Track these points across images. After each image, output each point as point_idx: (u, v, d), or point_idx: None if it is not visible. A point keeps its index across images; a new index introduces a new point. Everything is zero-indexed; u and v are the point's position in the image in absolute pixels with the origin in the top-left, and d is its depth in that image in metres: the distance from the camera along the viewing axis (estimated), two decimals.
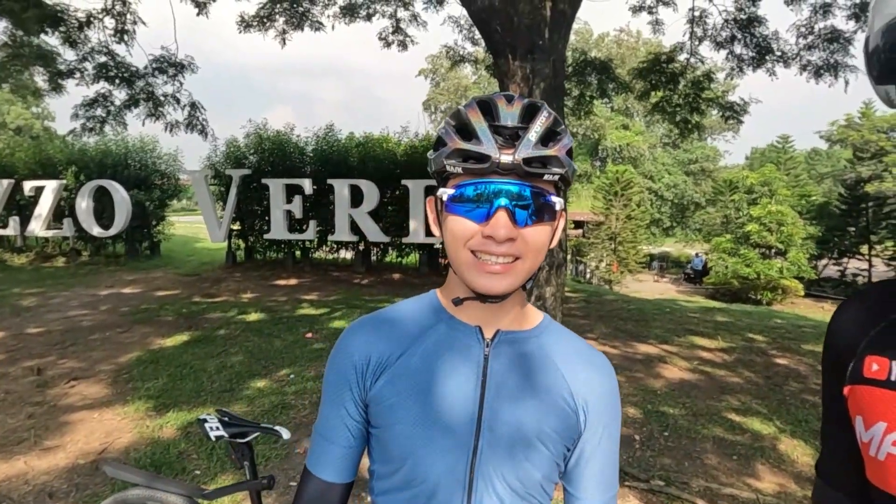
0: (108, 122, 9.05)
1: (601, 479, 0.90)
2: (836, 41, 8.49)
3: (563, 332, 0.95)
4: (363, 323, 0.92)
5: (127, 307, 8.03)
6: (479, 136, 0.77)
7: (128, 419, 4.16)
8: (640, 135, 45.88)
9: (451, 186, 0.81)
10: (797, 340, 7.36)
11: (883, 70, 0.55)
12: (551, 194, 0.81)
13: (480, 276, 0.79)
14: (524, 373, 0.87)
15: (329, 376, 0.91)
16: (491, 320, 0.87)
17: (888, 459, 0.58)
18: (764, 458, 3.82)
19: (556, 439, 0.85)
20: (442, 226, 0.85)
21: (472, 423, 0.83)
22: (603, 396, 0.90)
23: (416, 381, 0.84)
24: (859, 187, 26.62)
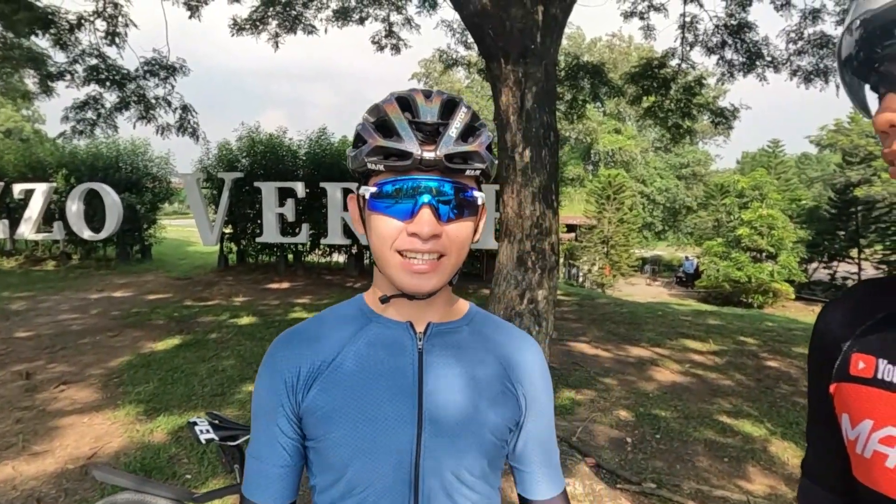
0: (99, 125, 8.98)
1: (546, 452, 0.94)
2: (825, 46, 8.58)
3: (491, 319, 0.96)
4: (289, 335, 0.90)
5: (118, 311, 7.97)
6: (400, 133, 0.76)
7: (118, 423, 4.13)
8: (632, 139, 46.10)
9: (373, 184, 0.80)
10: (788, 343, 7.41)
11: (859, 68, 0.55)
12: (473, 189, 0.81)
13: (407, 276, 0.79)
14: (461, 362, 0.87)
15: (258, 396, 0.88)
16: (421, 314, 0.87)
17: (874, 457, 0.59)
18: (755, 460, 3.84)
19: (499, 424, 0.86)
20: (365, 225, 0.85)
21: (413, 419, 0.82)
22: (536, 375, 0.92)
23: (350, 385, 0.82)
24: (849, 191, 26.86)
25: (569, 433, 4.08)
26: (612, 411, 4.61)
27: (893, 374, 0.59)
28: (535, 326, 4.63)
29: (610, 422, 4.40)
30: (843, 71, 0.58)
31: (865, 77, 0.56)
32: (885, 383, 0.60)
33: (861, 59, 0.54)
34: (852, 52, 0.55)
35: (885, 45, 0.51)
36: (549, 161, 4.66)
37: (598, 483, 3.38)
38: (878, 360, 0.61)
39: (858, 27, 0.53)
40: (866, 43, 0.53)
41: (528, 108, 4.55)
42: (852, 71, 0.57)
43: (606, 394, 5.02)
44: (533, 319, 4.63)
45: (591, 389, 5.10)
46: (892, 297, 0.65)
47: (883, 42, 0.51)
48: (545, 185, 4.63)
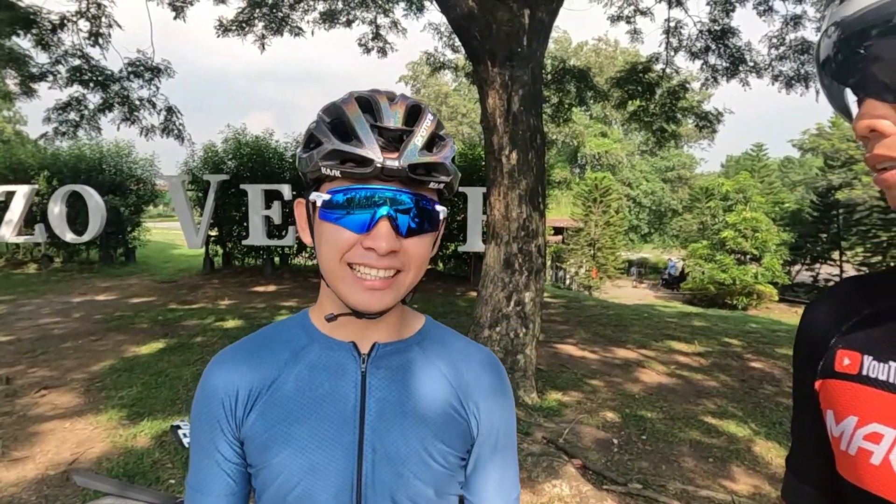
0: (82, 127, 8.88)
1: (501, 483, 0.86)
2: (806, 52, 8.72)
3: (446, 334, 0.89)
4: (226, 355, 0.83)
5: (100, 314, 7.86)
6: (361, 137, 0.69)
7: (100, 428, 4.07)
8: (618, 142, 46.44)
9: (326, 191, 0.72)
10: (772, 344, 7.49)
11: (837, 71, 0.56)
12: (436, 203, 0.75)
13: (359, 292, 0.73)
14: (407, 385, 0.81)
15: (196, 420, 0.82)
16: (366, 334, 0.81)
17: (859, 453, 0.59)
18: (739, 461, 3.87)
19: (447, 451, 0.80)
20: (314, 234, 0.77)
21: (354, 447, 0.77)
22: (492, 397, 0.85)
23: (289, 411, 0.77)
24: (830, 194, 27.26)
25: (556, 435, 4.09)
26: (598, 413, 4.63)
27: (878, 371, 0.60)
28: (522, 328, 4.65)
29: (596, 423, 4.42)
30: (821, 74, 0.59)
31: (844, 81, 0.56)
32: (870, 380, 0.60)
33: (839, 62, 0.55)
34: (830, 55, 0.56)
35: (861, 50, 0.52)
36: (535, 163, 4.68)
37: (585, 484, 3.39)
38: (864, 356, 0.62)
39: (835, 31, 0.54)
40: (843, 47, 0.54)
41: (515, 110, 4.57)
42: (831, 75, 0.57)
43: (593, 395, 5.04)
44: (520, 321, 4.65)
45: (578, 391, 5.12)
46: (875, 293, 0.66)
47: (859, 46, 0.52)
48: (532, 187, 4.65)
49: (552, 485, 3.31)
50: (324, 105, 0.76)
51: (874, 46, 0.51)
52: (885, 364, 0.59)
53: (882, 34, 0.50)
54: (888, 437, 0.57)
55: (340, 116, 0.72)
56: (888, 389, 0.58)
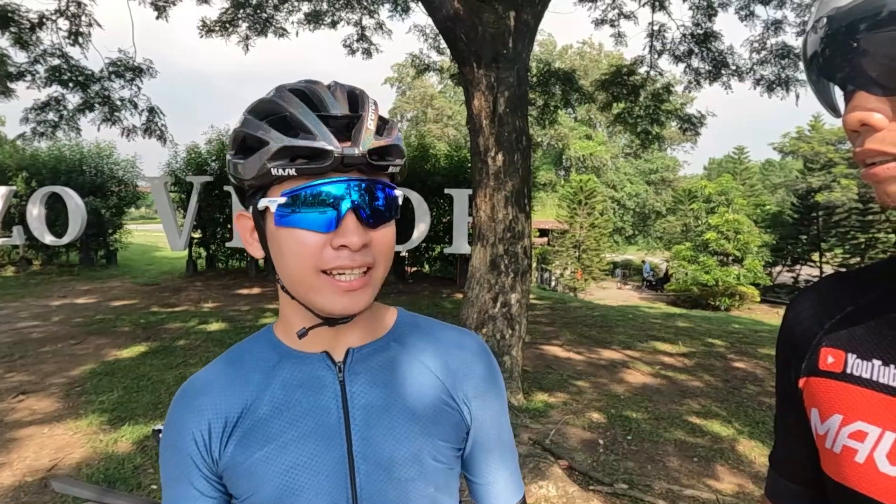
0: (61, 127, 8.72)
1: (500, 459, 0.84)
2: (787, 56, 8.84)
3: (422, 323, 0.85)
4: (192, 386, 0.78)
5: (81, 318, 7.73)
6: (311, 129, 0.64)
7: (80, 434, 4.00)
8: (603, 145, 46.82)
9: (279, 194, 0.66)
10: (754, 345, 7.58)
11: (825, 66, 0.56)
12: (393, 188, 0.71)
13: (337, 296, 0.68)
14: (391, 385, 0.76)
15: (167, 459, 0.77)
16: (339, 340, 0.77)
17: (844, 451, 0.59)
18: (723, 460, 3.90)
19: (442, 446, 0.77)
20: (269, 244, 0.71)
21: (344, 461, 0.73)
22: (480, 379, 0.82)
23: (270, 434, 0.73)
24: (810, 197, 27.75)
25: (542, 436, 4.09)
26: (584, 413, 4.64)
27: (863, 369, 0.59)
28: (509, 330, 4.65)
29: (582, 424, 4.43)
30: (809, 70, 0.58)
31: (833, 74, 0.56)
32: (854, 378, 0.60)
33: (827, 57, 0.54)
34: (818, 49, 0.55)
35: (852, 42, 0.51)
36: (521, 165, 4.69)
37: (571, 485, 3.39)
38: (848, 354, 0.61)
39: (825, 24, 0.53)
40: (832, 40, 0.53)
41: (501, 112, 4.57)
42: (818, 70, 0.57)
43: (579, 396, 5.06)
44: (506, 323, 4.65)
45: (564, 392, 5.14)
46: (857, 290, 0.66)
47: (849, 39, 0.51)
48: (518, 189, 4.66)
49: (538, 486, 3.31)
50: (249, 104, 0.70)
51: (865, 39, 0.50)
52: (869, 362, 0.59)
53: (873, 26, 0.50)
54: (872, 435, 0.57)
55: (278, 112, 0.67)
56: (872, 388, 0.58)
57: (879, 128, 0.52)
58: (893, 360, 0.58)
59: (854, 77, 0.53)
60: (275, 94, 0.69)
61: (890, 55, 0.50)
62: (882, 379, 0.58)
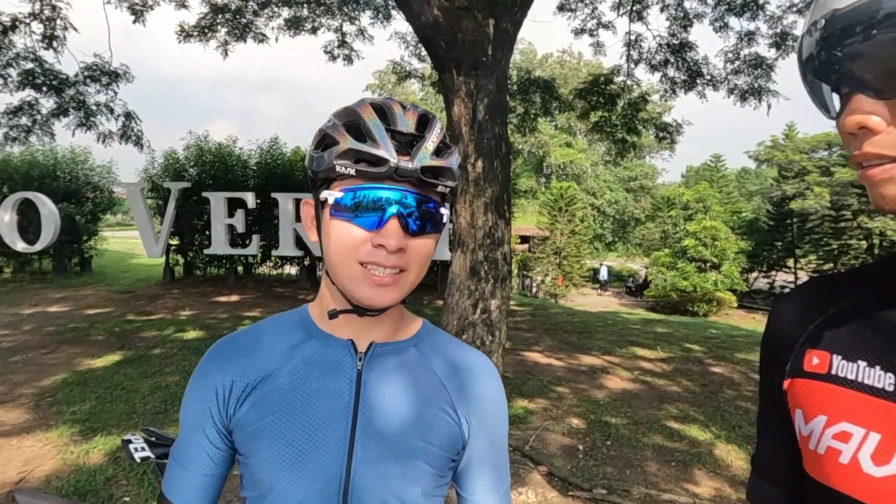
0: (34, 132, 8.53)
1: (493, 481, 0.89)
2: (759, 67, 9.03)
3: (444, 339, 0.92)
4: (225, 344, 0.87)
5: (53, 326, 7.56)
6: (376, 139, 0.73)
7: (50, 445, 3.90)
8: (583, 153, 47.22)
9: (339, 189, 0.75)
10: (731, 350, 7.68)
11: (820, 68, 0.56)
12: (441, 205, 0.79)
13: (368, 287, 0.76)
14: (401, 386, 0.83)
15: (188, 403, 0.85)
16: (365, 333, 0.84)
17: (828, 452, 0.59)
18: (701, 464, 3.94)
19: (437, 453, 0.82)
20: (322, 231, 0.80)
21: (344, 444, 0.79)
22: (487, 402, 0.88)
23: (282, 403, 0.79)
24: (785, 204, 28.27)
25: (522, 442, 4.09)
26: (564, 419, 4.66)
27: (847, 370, 0.60)
28: (489, 336, 4.65)
29: (562, 430, 4.44)
30: (804, 71, 0.58)
31: (827, 78, 0.56)
32: (839, 379, 0.60)
33: (823, 59, 0.54)
34: (813, 52, 0.55)
35: (847, 44, 0.51)
36: (501, 172, 4.71)
37: (551, 491, 3.40)
38: (833, 355, 0.62)
39: (822, 27, 0.53)
40: (829, 43, 0.53)
41: (480, 119, 4.59)
42: (814, 72, 0.56)
43: (559, 402, 5.08)
44: (486, 329, 4.65)
45: (544, 398, 5.15)
46: (841, 292, 0.66)
47: (846, 42, 0.51)
48: (497, 195, 4.68)
49: (518, 492, 3.31)
50: (336, 109, 0.81)
51: (863, 42, 0.50)
52: (854, 363, 0.60)
53: (871, 29, 0.49)
54: (857, 436, 0.57)
55: (355, 119, 0.76)
56: (857, 389, 0.59)
57: (877, 131, 0.52)
58: (879, 362, 0.58)
59: (851, 80, 0.53)
60: (356, 104, 0.79)
61: (888, 59, 0.50)
62: (867, 380, 0.58)
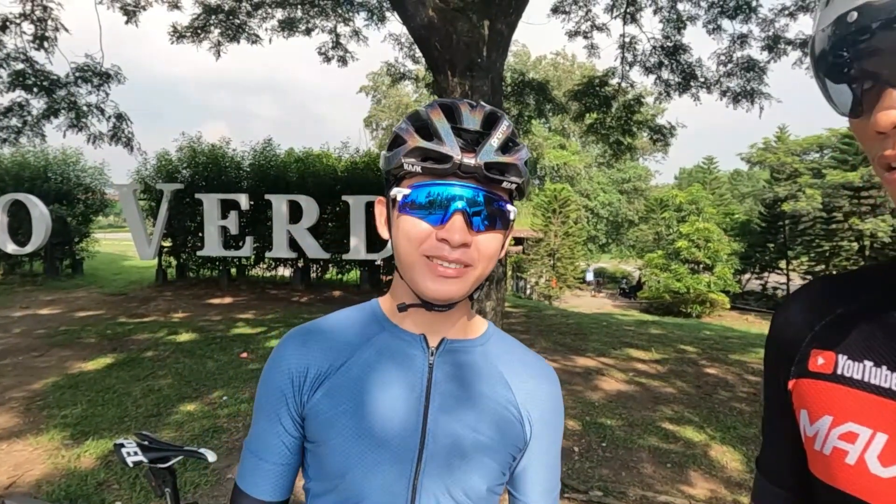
0: (25, 133, 8.46)
1: (546, 483, 0.91)
2: (752, 70, 9.08)
3: (509, 341, 0.94)
4: (300, 333, 0.88)
5: (43, 329, 7.49)
6: (442, 137, 0.76)
7: (41, 449, 3.85)
8: (577, 154, 47.37)
9: (407, 186, 0.78)
10: (725, 351, 7.71)
11: (831, 68, 0.54)
12: (507, 202, 0.80)
13: (432, 279, 0.77)
14: (469, 383, 0.85)
15: (263, 390, 0.86)
16: (436, 328, 0.86)
17: (834, 453, 0.58)
18: (696, 465, 3.94)
19: (500, 450, 0.84)
20: (392, 227, 0.82)
21: (416, 435, 0.80)
22: (548, 406, 0.91)
23: (355, 393, 0.81)
24: (777, 206, 28.44)
25: None
26: None
27: (853, 370, 0.59)
28: None
29: None
30: (817, 68, 0.56)
31: (851, 73, 0.53)
32: (845, 379, 0.60)
33: (851, 53, 0.51)
34: (837, 46, 0.52)
35: (885, 37, 0.48)
36: None
37: None
38: (838, 355, 0.61)
39: (854, 20, 0.50)
40: (859, 36, 0.50)
41: None
42: (834, 67, 0.54)
43: None
44: None
45: None
46: (847, 293, 0.66)
47: (883, 33, 0.48)
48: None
49: None
50: (407, 112, 0.84)
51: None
52: (860, 363, 0.59)
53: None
54: (863, 437, 0.56)
55: (423, 119, 0.79)
56: (864, 388, 0.58)
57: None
58: (885, 362, 0.57)
59: (883, 74, 0.50)
60: (426, 106, 0.81)
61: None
62: (874, 380, 0.57)
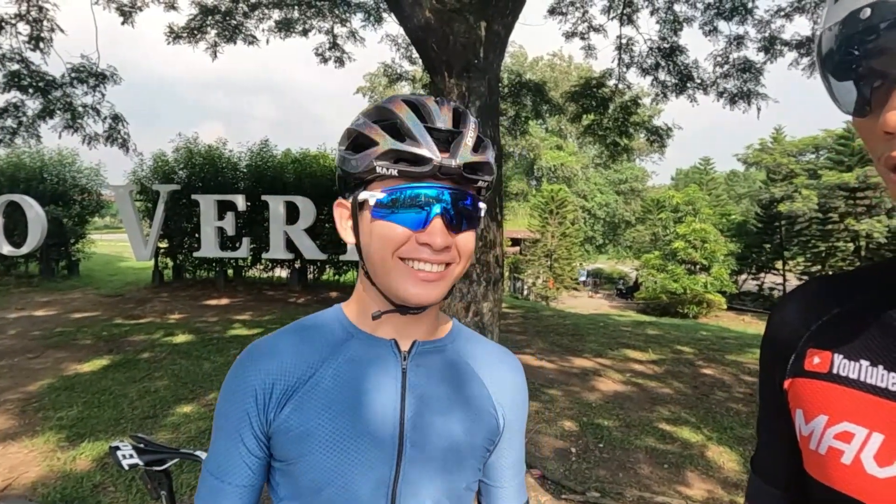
0: (20, 134, 8.43)
1: (515, 467, 0.93)
2: (748, 71, 9.10)
3: (473, 336, 0.94)
4: (262, 345, 0.83)
5: (39, 331, 7.46)
6: (417, 138, 0.72)
7: (36, 451, 3.83)
8: (574, 155, 47.44)
9: (380, 190, 0.74)
10: (721, 351, 7.72)
11: (839, 66, 0.53)
12: (480, 200, 0.79)
13: (413, 284, 0.75)
14: (445, 383, 0.84)
15: (223, 409, 0.81)
16: (406, 332, 0.83)
17: (829, 452, 0.58)
18: (693, 466, 3.95)
19: (479, 446, 0.84)
20: (360, 232, 0.79)
21: (394, 443, 0.78)
22: (516, 394, 0.91)
23: (328, 405, 0.77)
24: (773, 207, 28.54)
25: None
26: (556, 422, 4.65)
27: (849, 369, 0.59)
28: None
29: (555, 432, 4.43)
30: (823, 65, 0.55)
31: (849, 71, 0.52)
32: (840, 378, 0.60)
33: (863, 50, 0.50)
34: (834, 44, 0.52)
35: (888, 37, 0.48)
36: None
37: (544, 494, 3.39)
38: (834, 354, 0.61)
39: (867, 17, 0.49)
40: (873, 32, 0.49)
41: None
42: (835, 65, 0.53)
43: (551, 405, 5.07)
44: (478, 331, 4.62)
45: (537, 401, 5.14)
46: (844, 292, 0.66)
47: (888, 33, 0.48)
48: (489, 198, 4.67)
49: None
50: (366, 109, 0.80)
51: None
52: (856, 362, 0.59)
53: None
54: (859, 437, 0.56)
55: (390, 118, 0.75)
56: (859, 388, 0.58)
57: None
58: (882, 361, 0.57)
59: (884, 73, 0.49)
60: (387, 101, 0.77)
61: None
62: (869, 380, 0.57)
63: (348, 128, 0.79)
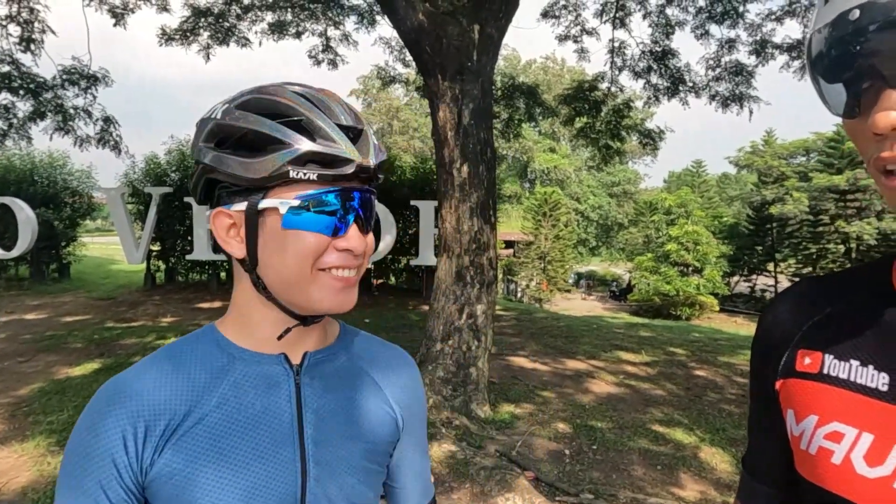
0: (10, 136, 8.38)
1: (419, 466, 0.90)
2: (740, 74, 9.17)
3: (362, 337, 0.88)
4: (125, 381, 0.70)
5: (29, 334, 7.41)
6: (334, 137, 0.65)
7: (26, 456, 3.80)
8: (567, 158, 47.62)
9: (292, 196, 0.65)
10: (714, 353, 7.75)
11: (828, 68, 0.54)
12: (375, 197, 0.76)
13: (335, 293, 0.70)
14: (342, 392, 0.78)
15: (80, 462, 0.67)
16: (297, 343, 0.76)
17: (819, 452, 0.59)
18: (686, 467, 3.96)
19: (381, 452, 0.81)
20: (263, 243, 0.68)
21: (296, 466, 0.72)
22: (412, 392, 0.87)
23: (216, 439, 0.68)
24: (764, 209, 28.72)
25: (508, 447, 4.08)
26: (550, 424, 4.65)
27: (839, 370, 0.60)
28: (475, 341, 4.64)
29: (548, 434, 4.44)
30: (813, 67, 0.56)
31: (849, 73, 0.52)
32: (830, 378, 0.60)
33: (852, 52, 0.51)
34: (824, 46, 0.53)
35: (877, 38, 0.48)
36: (486, 177, 4.72)
37: (538, 496, 3.39)
38: (825, 355, 0.62)
39: (856, 18, 0.49)
40: (861, 34, 0.49)
41: (466, 124, 4.60)
42: (831, 66, 0.54)
43: (545, 407, 5.07)
44: (472, 334, 4.64)
45: (530, 403, 5.14)
46: (834, 293, 0.66)
47: (878, 34, 0.48)
48: (483, 200, 4.68)
49: (505, 498, 3.29)
50: (240, 101, 0.68)
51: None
52: (846, 363, 0.59)
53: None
54: (849, 436, 0.57)
55: (290, 114, 0.66)
56: (850, 388, 0.58)
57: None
58: (872, 361, 0.58)
59: (883, 73, 0.49)
60: (274, 94, 0.67)
61: None
62: (860, 380, 0.58)
63: (221, 122, 0.68)
